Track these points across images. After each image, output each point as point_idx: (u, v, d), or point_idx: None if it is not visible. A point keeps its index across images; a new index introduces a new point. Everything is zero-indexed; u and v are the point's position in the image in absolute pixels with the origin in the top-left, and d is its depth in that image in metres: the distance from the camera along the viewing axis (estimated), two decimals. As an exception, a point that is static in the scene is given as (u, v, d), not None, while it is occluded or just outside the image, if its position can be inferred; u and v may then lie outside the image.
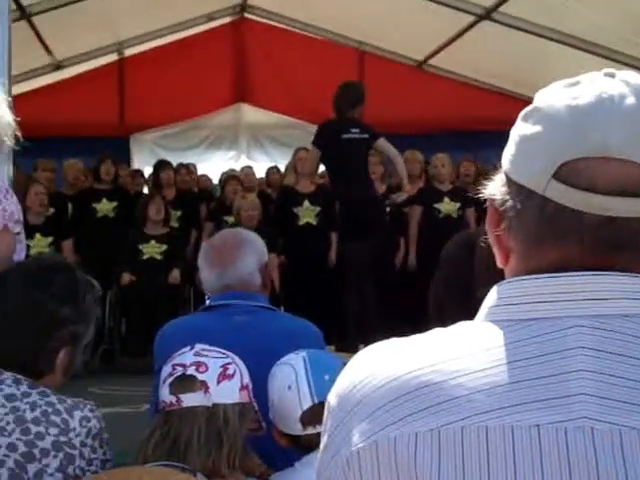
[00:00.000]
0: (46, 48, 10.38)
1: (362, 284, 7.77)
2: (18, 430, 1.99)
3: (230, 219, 8.50)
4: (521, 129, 1.01)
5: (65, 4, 9.19)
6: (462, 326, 1.02)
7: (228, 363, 2.23)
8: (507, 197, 1.01)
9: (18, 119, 2.82)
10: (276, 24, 11.42)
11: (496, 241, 1.04)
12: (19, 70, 9.12)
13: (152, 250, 8.28)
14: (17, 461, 1.97)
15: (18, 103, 3.37)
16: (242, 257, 2.89)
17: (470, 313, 1.08)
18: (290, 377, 2.35)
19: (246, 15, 11.56)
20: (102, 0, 9.28)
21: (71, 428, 2.03)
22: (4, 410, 2.02)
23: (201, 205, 9.41)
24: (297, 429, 2.33)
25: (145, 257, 8.25)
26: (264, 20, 11.48)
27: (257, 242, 3.00)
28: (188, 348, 2.27)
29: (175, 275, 8.16)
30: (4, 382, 2.06)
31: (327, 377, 2.33)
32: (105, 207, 8.75)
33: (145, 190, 9.94)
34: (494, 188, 1.04)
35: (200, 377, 2.17)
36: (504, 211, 1.01)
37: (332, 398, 1.04)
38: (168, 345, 2.53)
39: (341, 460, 0.97)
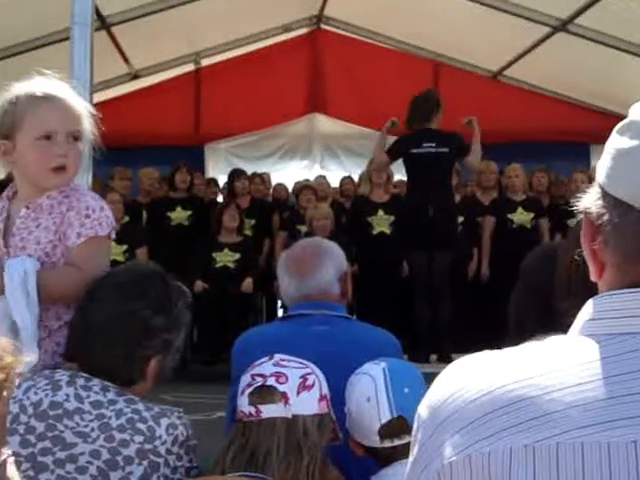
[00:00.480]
0: (124, 58, 10.55)
1: (435, 295, 7.74)
2: (102, 437, 2.00)
3: (303, 228, 8.53)
4: (617, 143, 0.99)
5: (143, 15, 9.33)
6: (557, 340, 1.00)
7: (308, 373, 2.21)
8: (603, 211, 0.99)
9: (102, 129, 2.87)
10: (352, 35, 11.45)
11: (591, 255, 1.02)
12: (97, 79, 9.23)
13: (225, 258, 8.34)
14: (100, 468, 1.97)
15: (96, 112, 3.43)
16: (321, 266, 2.89)
17: (551, 326, 1.06)
18: (369, 389, 2.32)
19: (322, 26, 11.60)
20: (180, 11, 9.40)
21: (157, 436, 2.03)
22: (90, 417, 2.03)
23: (275, 214, 9.45)
24: (375, 441, 2.30)
25: (218, 265, 8.31)
26: (340, 31, 11.52)
27: (336, 252, 2.99)
28: (267, 358, 2.26)
29: (248, 284, 8.19)
30: (92, 389, 2.07)
31: (407, 390, 2.30)
32: (180, 215, 8.85)
33: (219, 199, 10.05)
34: (589, 201, 1.02)
35: (280, 388, 2.16)
36: (600, 225, 1.00)
37: (423, 410, 1.03)
38: (246, 354, 2.53)
39: (432, 473, 0.96)
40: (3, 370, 1.43)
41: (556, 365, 0.95)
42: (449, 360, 6.31)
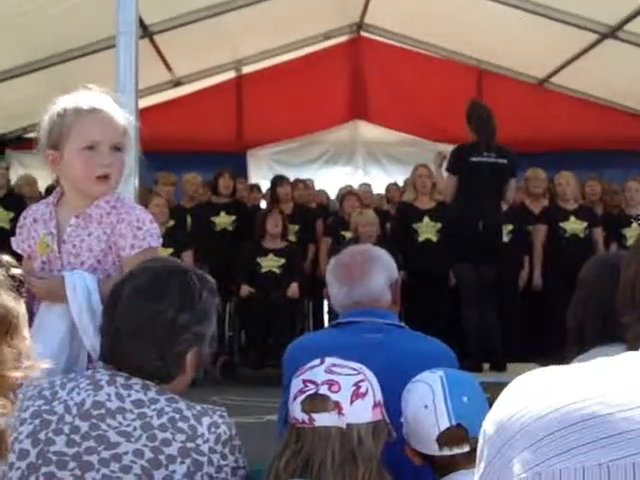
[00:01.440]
0: (167, 65, 10.62)
1: (483, 303, 7.67)
2: (145, 436, 1.99)
3: (348, 234, 8.52)
4: None
5: (185, 23, 9.39)
6: (628, 356, 0.97)
7: (360, 380, 2.16)
8: None
9: (145, 136, 2.93)
10: (393, 42, 11.45)
11: None
12: (141, 86, 9.26)
13: (270, 264, 8.36)
14: (144, 467, 1.96)
15: (140, 118, 3.46)
16: (372, 273, 2.86)
17: (611, 337, 1.01)
18: (427, 396, 2.27)
19: (363, 33, 11.62)
20: (221, 19, 9.45)
21: (199, 434, 2.01)
22: (131, 416, 2.02)
23: (318, 220, 9.44)
24: (433, 449, 2.26)
25: (263, 270, 8.34)
26: (381, 38, 11.53)
27: (386, 258, 2.97)
28: (318, 362, 2.22)
29: (294, 289, 8.22)
30: (132, 388, 2.06)
31: (465, 399, 2.26)
32: (223, 220, 8.87)
33: (262, 205, 10.05)
34: None
35: (333, 397, 2.11)
36: None
37: (489, 426, 1.00)
38: (298, 361, 2.50)
39: None
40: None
41: (629, 382, 0.92)
42: (502, 369, 6.24)
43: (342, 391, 2.11)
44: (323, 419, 2.10)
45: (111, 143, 2.68)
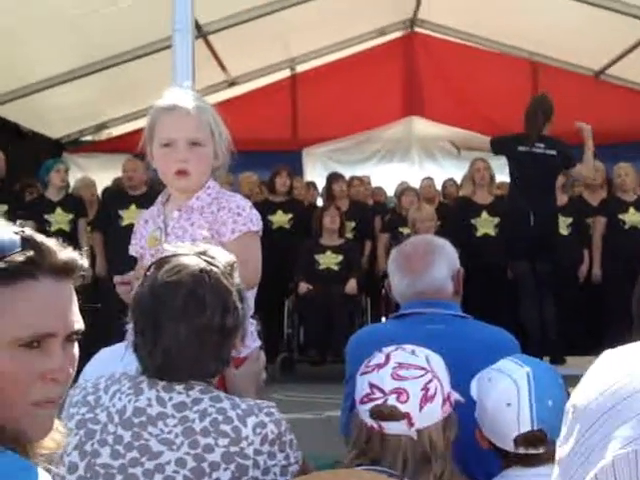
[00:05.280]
0: (221, 65, 10.69)
1: (541, 298, 7.60)
2: (186, 443, 1.93)
3: (406, 230, 8.48)
4: None
5: (239, 22, 9.43)
6: None
7: (428, 382, 2.12)
8: None
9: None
10: (446, 37, 11.41)
11: None
12: (196, 86, 9.39)
13: (328, 260, 8.36)
14: (186, 477, 1.92)
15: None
16: (434, 264, 2.84)
17: None
18: (511, 393, 2.23)
19: (416, 29, 11.59)
20: (274, 18, 9.47)
21: (243, 437, 1.95)
22: (173, 421, 1.97)
23: (376, 217, 9.41)
24: (508, 446, 2.23)
25: (321, 267, 8.35)
26: (434, 33, 11.49)
27: (448, 249, 2.95)
28: (383, 359, 2.18)
29: (352, 285, 8.20)
30: (174, 389, 2.01)
31: (550, 403, 2.22)
32: (281, 219, 8.88)
33: (319, 202, 10.06)
34: None
35: (403, 408, 2.08)
36: None
37: (580, 400, 0.96)
38: (360, 353, 2.49)
39: (592, 466, 0.90)
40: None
41: None
42: (562, 362, 6.18)
43: (411, 400, 2.08)
44: (393, 427, 2.08)
45: (187, 139, 2.75)
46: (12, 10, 7.42)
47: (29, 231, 1.33)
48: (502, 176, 8.91)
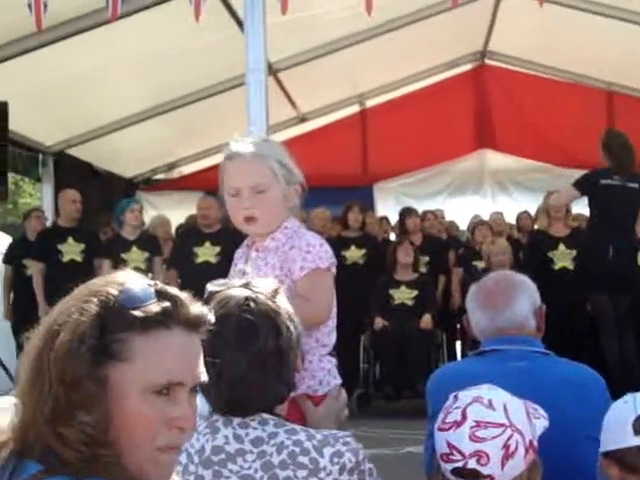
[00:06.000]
0: (291, 102, 10.77)
1: (621, 333, 7.43)
2: (266, 477, 1.93)
3: (480, 264, 8.40)
4: None
5: (308, 60, 9.51)
6: None
7: (509, 438, 2.05)
8: None
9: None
10: (517, 69, 11.35)
11: None
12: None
13: (403, 295, 8.33)
14: None
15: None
16: (516, 300, 2.78)
17: None
18: (628, 397, 2.20)
19: (487, 61, 11.56)
20: (343, 54, 9.54)
21: (321, 467, 1.94)
22: (251, 457, 1.96)
23: (450, 251, 9.36)
24: (628, 436, 2.13)
25: (396, 302, 8.32)
26: (505, 65, 11.44)
27: (530, 285, 2.88)
28: (460, 416, 2.10)
29: (427, 320, 8.15)
30: (249, 425, 2.00)
31: None
32: (354, 254, 8.86)
33: (392, 237, 10.02)
34: None
35: (484, 471, 2.03)
36: None
37: None
38: (443, 391, 2.44)
39: None
40: None
41: None
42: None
43: (492, 461, 2.03)
44: None
45: (249, 187, 2.82)
46: (85, 55, 7.57)
47: (161, 284, 1.38)
48: (577, 208, 8.78)
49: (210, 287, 2.16)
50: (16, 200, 20.57)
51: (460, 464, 2.05)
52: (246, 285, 2.11)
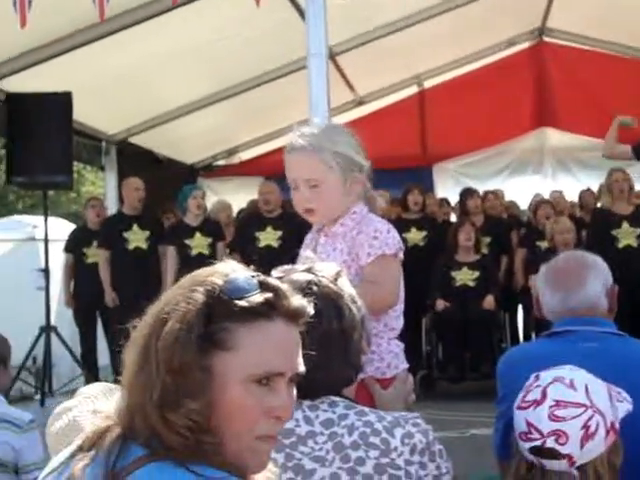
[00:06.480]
0: (349, 85, 10.76)
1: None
2: (338, 458, 1.93)
3: (543, 244, 8.33)
4: None
5: (365, 42, 9.48)
6: None
7: (589, 419, 2.04)
8: None
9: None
10: (577, 45, 11.19)
11: None
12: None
13: (465, 277, 8.30)
14: None
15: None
16: (588, 280, 2.74)
17: None
18: None
19: (545, 38, 11.41)
20: (400, 36, 9.49)
21: (392, 448, 1.93)
22: (322, 439, 1.97)
23: (512, 231, 9.29)
24: None
25: (458, 284, 8.29)
26: (564, 42, 11.28)
27: (601, 264, 2.84)
28: (539, 395, 2.09)
29: (490, 301, 8.12)
30: (319, 407, 2.01)
31: None
32: (415, 237, 8.85)
33: (453, 218, 9.99)
34: None
35: (563, 450, 2.02)
36: None
37: None
38: (511, 373, 2.45)
39: None
40: None
41: None
42: None
43: (570, 441, 2.02)
44: (554, 465, 2.04)
45: (304, 180, 2.89)
46: (146, 43, 7.66)
47: (263, 275, 1.41)
48: (640, 185, 8.68)
49: (274, 273, 2.15)
50: (79, 189, 20.86)
51: (538, 443, 2.05)
52: (309, 270, 2.12)
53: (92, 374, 8.21)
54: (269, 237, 7.96)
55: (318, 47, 4.89)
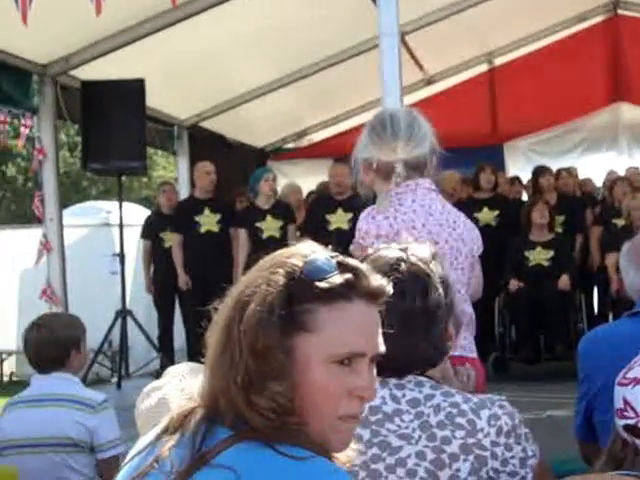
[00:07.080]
0: (418, 64, 10.67)
1: None
2: (424, 437, 1.95)
3: (620, 222, 8.18)
4: None
5: (434, 21, 9.40)
6: None
7: None
8: None
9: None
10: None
11: None
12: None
13: (539, 257, 8.19)
14: (428, 469, 1.92)
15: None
16: None
17: None
18: None
19: (619, 12, 11.18)
20: (469, 14, 9.37)
21: (478, 429, 1.94)
22: (409, 417, 1.98)
23: (587, 209, 9.17)
24: None
25: (532, 264, 8.18)
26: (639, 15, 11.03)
27: None
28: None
29: (565, 281, 7.98)
30: (406, 387, 2.02)
31: None
32: (487, 216, 8.76)
33: (524, 197, 9.86)
34: None
35: None
36: None
37: None
38: (593, 354, 2.42)
39: None
40: None
41: None
42: None
43: None
44: None
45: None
46: (215, 29, 7.70)
47: (342, 256, 1.41)
48: None
49: (371, 250, 2.19)
50: (150, 174, 21.10)
51: (632, 422, 1.98)
52: (403, 249, 2.12)
53: (168, 357, 8.33)
54: (340, 219, 7.96)
55: (390, 27, 4.86)
